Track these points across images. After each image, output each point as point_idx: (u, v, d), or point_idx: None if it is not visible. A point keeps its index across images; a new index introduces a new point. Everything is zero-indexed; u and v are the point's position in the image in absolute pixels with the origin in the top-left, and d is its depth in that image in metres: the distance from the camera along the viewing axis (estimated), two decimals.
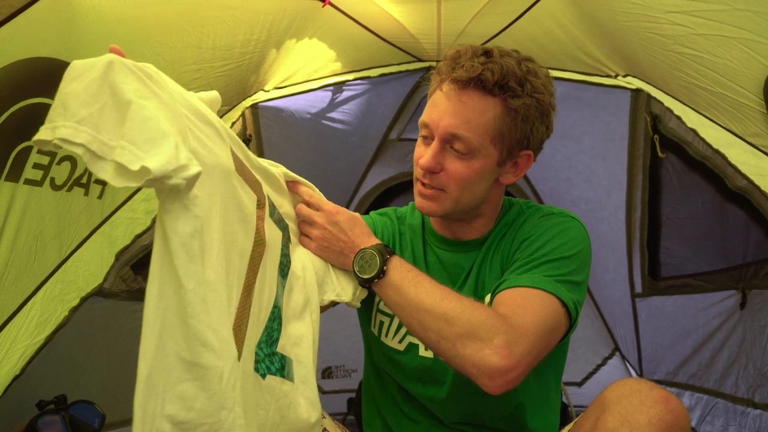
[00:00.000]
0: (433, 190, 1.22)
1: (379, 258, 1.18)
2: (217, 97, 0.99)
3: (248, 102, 2.30)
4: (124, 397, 0.77)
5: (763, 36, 1.43)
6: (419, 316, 1.11)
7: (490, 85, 1.14)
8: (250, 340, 0.95)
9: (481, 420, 1.31)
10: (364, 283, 1.20)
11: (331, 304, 1.23)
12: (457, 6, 2.12)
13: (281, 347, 1.06)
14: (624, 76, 2.24)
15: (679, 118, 2.04)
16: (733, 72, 1.57)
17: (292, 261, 1.17)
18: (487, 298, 1.22)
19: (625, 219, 2.66)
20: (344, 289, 1.23)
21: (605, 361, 3.11)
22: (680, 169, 2.30)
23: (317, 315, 1.18)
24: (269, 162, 1.17)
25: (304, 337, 1.12)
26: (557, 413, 1.37)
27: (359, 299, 1.26)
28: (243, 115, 2.29)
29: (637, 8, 1.66)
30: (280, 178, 1.19)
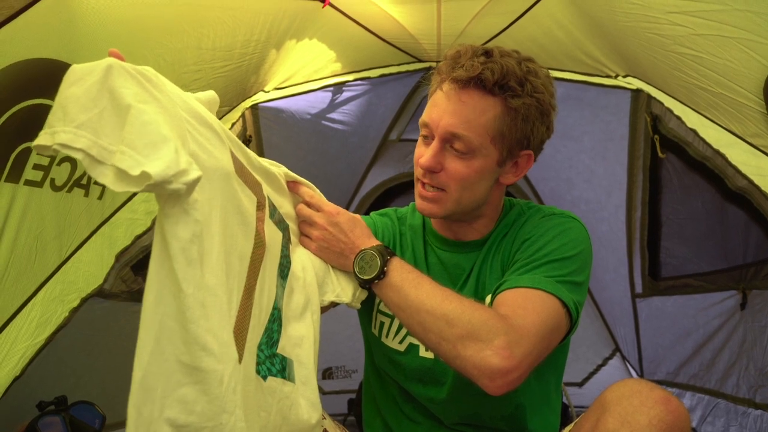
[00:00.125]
0: (434, 192, 1.22)
1: (380, 259, 1.17)
2: (215, 97, 0.99)
3: (248, 103, 2.30)
4: (124, 398, 0.76)
5: (762, 36, 1.43)
6: (420, 317, 1.11)
7: (490, 85, 1.14)
8: (252, 342, 0.95)
9: (482, 421, 1.31)
10: (364, 285, 1.20)
11: (331, 304, 1.23)
12: (457, 6, 2.12)
13: (281, 348, 1.06)
14: (624, 76, 2.23)
15: (679, 118, 2.04)
16: (733, 72, 1.57)
17: (293, 262, 1.17)
18: (488, 299, 1.22)
19: (625, 219, 2.66)
20: (344, 289, 1.23)
21: (606, 361, 3.11)
22: (680, 169, 2.29)
23: (318, 316, 1.18)
24: (270, 162, 1.17)
25: (305, 338, 1.12)
26: (558, 414, 1.37)
27: (359, 300, 1.26)
28: (243, 115, 2.29)
29: (636, 9, 1.66)
30: (281, 178, 1.19)
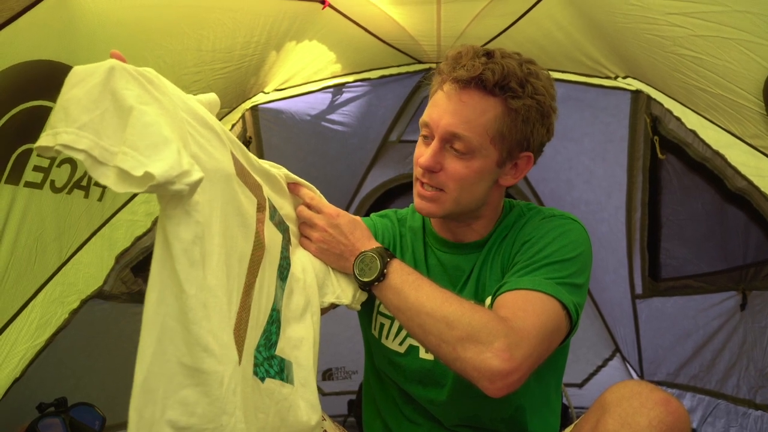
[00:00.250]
0: (433, 191, 1.22)
1: (380, 261, 1.17)
2: (215, 99, 0.99)
3: (248, 104, 2.30)
4: (124, 400, 0.77)
5: (762, 37, 1.43)
6: (419, 319, 1.10)
7: (491, 85, 1.14)
8: (249, 343, 0.95)
9: (482, 422, 1.31)
10: (364, 286, 1.20)
11: (330, 306, 1.23)
12: (456, 8, 2.12)
13: (280, 350, 1.06)
14: (624, 77, 2.24)
15: (678, 119, 2.04)
16: (733, 73, 1.57)
17: (292, 263, 1.17)
18: (488, 301, 1.22)
19: (625, 220, 2.66)
20: (344, 291, 1.23)
21: (606, 362, 3.12)
22: (680, 170, 2.30)
23: (318, 317, 1.18)
24: (270, 163, 1.17)
25: (304, 340, 1.12)
26: (558, 415, 1.37)
27: (359, 302, 1.26)
28: (243, 117, 2.29)
29: (636, 10, 1.66)
30: (281, 179, 1.19)
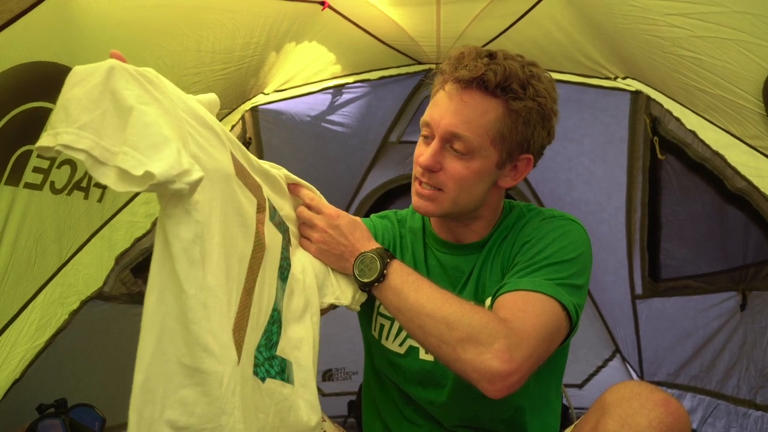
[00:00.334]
0: (431, 190, 1.22)
1: (380, 262, 1.17)
2: (215, 100, 0.99)
3: (248, 105, 2.30)
4: (124, 401, 0.77)
5: (761, 38, 1.44)
6: (419, 320, 1.10)
7: (492, 86, 1.15)
8: (249, 343, 0.95)
9: (482, 423, 1.31)
10: (364, 287, 1.20)
11: (330, 307, 1.23)
12: (456, 9, 2.12)
13: (281, 350, 1.06)
14: (623, 78, 2.24)
15: (678, 119, 2.04)
16: (732, 74, 1.58)
17: (292, 264, 1.17)
18: (488, 302, 1.22)
19: (625, 221, 2.66)
20: (344, 292, 1.23)
21: (606, 362, 3.12)
22: (680, 170, 2.30)
23: (317, 318, 1.18)
24: (270, 164, 1.17)
25: (305, 340, 1.12)
26: (557, 416, 1.37)
27: (359, 302, 1.26)
28: (243, 118, 2.29)
29: (635, 11, 1.67)
30: (281, 180, 1.19)
